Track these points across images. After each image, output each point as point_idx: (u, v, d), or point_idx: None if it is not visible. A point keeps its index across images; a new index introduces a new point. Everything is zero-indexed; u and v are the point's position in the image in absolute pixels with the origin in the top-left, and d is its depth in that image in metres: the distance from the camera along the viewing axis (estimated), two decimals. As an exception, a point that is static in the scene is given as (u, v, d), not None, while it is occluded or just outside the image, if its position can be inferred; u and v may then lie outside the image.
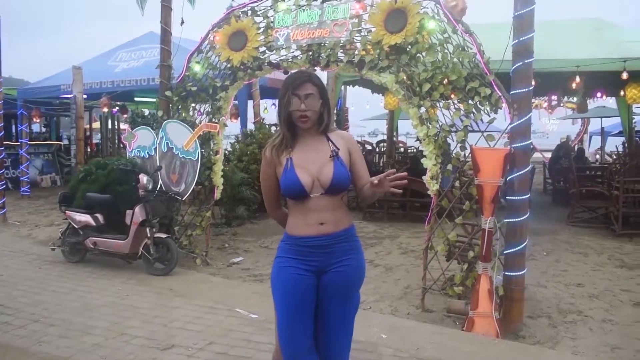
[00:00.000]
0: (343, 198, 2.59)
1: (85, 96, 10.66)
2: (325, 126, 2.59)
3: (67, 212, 6.61)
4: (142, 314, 4.75)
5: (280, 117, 2.56)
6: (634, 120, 14.62)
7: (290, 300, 2.52)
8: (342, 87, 13.29)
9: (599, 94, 13.29)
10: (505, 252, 4.56)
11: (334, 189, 2.51)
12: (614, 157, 15.59)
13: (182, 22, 6.92)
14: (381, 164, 15.15)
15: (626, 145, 14.22)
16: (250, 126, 11.57)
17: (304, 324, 2.51)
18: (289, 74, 2.72)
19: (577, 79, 9.04)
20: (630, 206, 8.33)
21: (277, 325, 2.58)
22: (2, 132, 9.57)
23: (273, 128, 11.50)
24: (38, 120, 16.45)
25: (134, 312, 4.82)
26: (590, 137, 24.92)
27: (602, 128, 21.57)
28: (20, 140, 13.06)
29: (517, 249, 4.50)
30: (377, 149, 16.78)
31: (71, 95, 10.33)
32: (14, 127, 16.91)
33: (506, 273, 4.58)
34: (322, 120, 2.58)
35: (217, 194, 6.67)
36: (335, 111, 11.62)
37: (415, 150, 16.66)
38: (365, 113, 25.45)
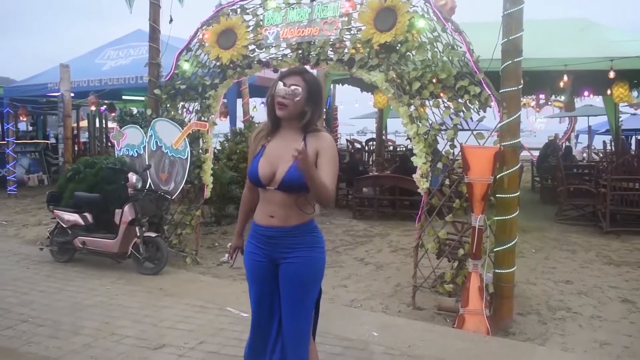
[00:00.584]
0: (298, 199, 2.61)
1: (72, 94, 10.55)
2: (306, 123, 2.63)
3: (55, 211, 6.55)
4: (132, 314, 4.72)
5: (267, 103, 2.68)
6: (620, 119, 14.77)
7: (251, 279, 2.79)
8: (332, 86, 13.30)
9: (586, 93, 13.40)
10: (495, 249, 4.59)
11: (285, 187, 2.58)
12: (601, 155, 15.75)
13: (171, 20, 6.88)
14: (370, 163, 15.20)
15: (613, 143, 14.37)
16: (240, 125, 11.54)
17: (265, 305, 2.76)
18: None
19: (565, 77, 9.11)
20: (617, 204, 8.40)
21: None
22: (-11, 131, 9.49)
23: (262, 126, 11.48)
24: (25, 119, 16.27)
25: (123, 311, 4.79)
26: (578, 135, 25.14)
27: (589, 126, 21.79)
28: (6, 139, 12.93)
29: (507, 246, 4.53)
30: (366, 148, 16.81)
31: (59, 94, 10.23)
32: (0, 125, 16.74)
33: (496, 270, 4.60)
34: (303, 115, 2.62)
35: (207, 193, 6.64)
36: (325, 109, 11.62)
37: (404, 148, 16.72)
38: (354, 111, 25.52)
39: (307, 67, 5.73)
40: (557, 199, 10.02)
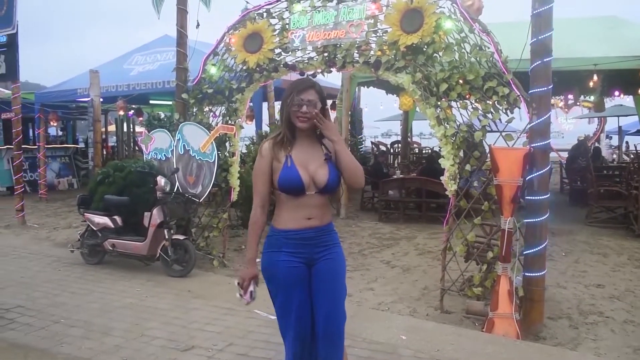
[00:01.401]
0: (331, 197, 2.81)
1: (101, 99, 10.75)
2: (321, 132, 2.74)
3: (85, 214, 6.67)
4: (162, 315, 4.77)
5: (282, 116, 2.78)
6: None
7: (286, 285, 2.72)
8: (357, 88, 13.29)
9: (616, 93, 13.16)
10: (525, 252, 4.52)
11: (327, 190, 2.71)
12: (632, 156, 15.42)
13: (198, 25, 6.97)
14: (396, 165, 15.13)
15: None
16: (265, 128, 11.60)
17: (306, 310, 2.72)
18: (295, 80, 2.88)
19: (595, 77, 8.96)
20: (650, 206, 8.21)
21: (277, 315, 2.80)
22: (21, 136, 9.70)
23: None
24: (55, 124, 16.61)
25: (153, 313, 4.85)
26: (609, 136, 24.66)
27: (620, 127, 21.35)
28: (37, 144, 13.21)
29: (537, 249, 4.46)
30: (392, 150, 16.75)
31: (88, 99, 10.43)
32: (31, 130, 17.11)
33: (526, 274, 4.54)
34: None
35: (234, 196, 6.69)
36: (349, 112, 11.60)
37: (429, 150, 16.61)
38: (379, 114, 25.43)
39: (333, 69, 5.75)
40: (587, 201, 9.83)
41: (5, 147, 14.00)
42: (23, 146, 10.20)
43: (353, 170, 2.69)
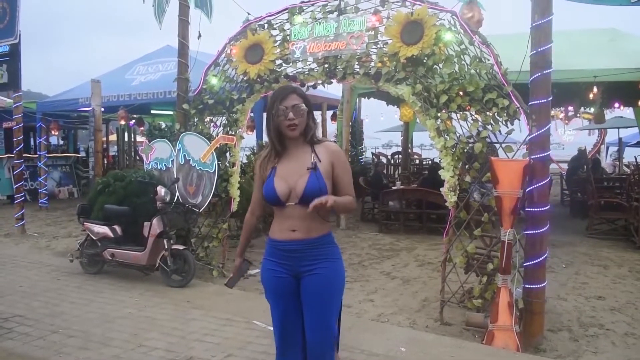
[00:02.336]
0: (320, 211, 2.64)
1: (102, 109, 10.77)
2: (311, 135, 2.76)
3: (85, 223, 6.66)
4: (160, 326, 4.76)
5: (269, 128, 2.76)
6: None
7: (274, 298, 2.79)
8: (357, 99, 13.32)
9: (616, 105, 13.17)
10: (525, 264, 4.51)
11: (306, 200, 2.61)
12: (632, 167, 15.42)
13: (199, 36, 7.00)
14: (396, 176, 15.14)
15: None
16: (266, 138, 11.59)
17: (291, 320, 2.76)
18: (275, 90, 2.95)
19: (595, 89, 8.98)
20: (650, 218, 8.20)
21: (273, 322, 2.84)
22: (22, 145, 9.72)
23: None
24: (56, 133, 16.65)
25: (152, 323, 4.83)
26: (607, 147, 24.66)
27: (620, 138, 21.35)
28: (38, 153, 13.24)
29: (537, 261, 4.45)
30: (392, 161, 16.76)
31: (89, 109, 10.46)
32: (32, 139, 17.15)
33: (526, 285, 4.52)
34: (308, 129, 2.74)
35: (234, 206, 6.69)
36: (350, 123, 11.62)
37: (430, 161, 16.61)
38: (379, 125, 25.42)
39: (334, 80, 5.78)
40: (587, 213, 9.82)
41: (6, 155, 14.03)
42: (24, 155, 10.23)
43: (345, 211, 2.81)
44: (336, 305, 2.80)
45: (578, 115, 14.97)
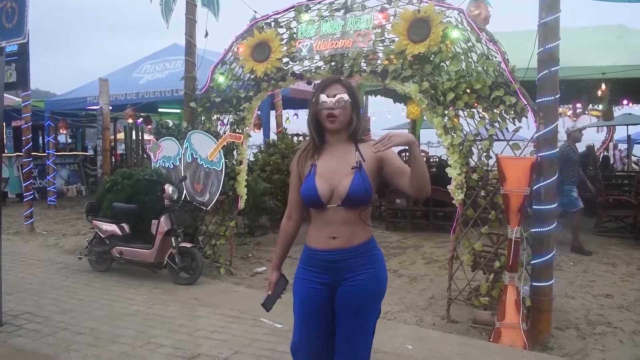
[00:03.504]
0: (361, 213, 2.46)
1: (110, 107, 10.82)
2: (354, 130, 2.50)
3: (93, 221, 6.71)
4: (168, 323, 4.78)
5: (310, 121, 2.53)
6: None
7: (304, 311, 2.54)
8: (364, 97, 13.30)
9: (625, 102, 13.09)
10: (532, 262, 4.50)
11: (350, 202, 2.41)
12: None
13: (207, 34, 7.02)
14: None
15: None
16: (273, 136, 11.63)
17: (316, 336, 2.51)
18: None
19: (603, 86, 8.92)
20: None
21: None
22: (30, 144, 9.79)
23: (295, 138, 11.56)
24: (64, 132, 16.77)
25: (159, 321, 4.86)
26: (616, 145, 24.52)
27: (629, 135, 21.24)
28: (47, 151, 13.32)
29: (544, 259, 4.44)
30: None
31: (97, 107, 10.51)
32: (41, 138, 17.26)
33: (533, 283, 4.52)
34: (351, 124, 2.50)
35: (241, 204, 6.71)
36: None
37: (437, 159, 16.57)
38: (386, 122, 25.38)
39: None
40: (595, 211, 9.78)
41: (15, 154, 14.12)
42: (33, 153, 10.29)
43: (422, 178, 2.33)
44: (374, 316, 2.54)
45: (586, 112, 14.87)
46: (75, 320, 4.85)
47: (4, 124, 13.14)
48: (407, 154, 2.37)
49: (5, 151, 14.41)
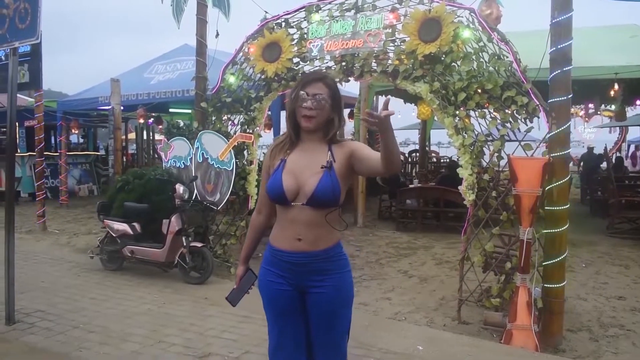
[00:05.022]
0: (328, 216, 2.35)
1: (122, 107, 10.88)
2: (332, 135, 2.41)
3: (105, 221, 6.74)
4: (179, 322, 4.80)
5: (287, 113, 2.44)
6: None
7: (274, 314, 2.48)
8: (374, 97, 13.27)
9: (638, 102, 12.98)
10: (544, 263, 4.47)
11: (315, 202, 2.31)
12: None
13: (217, 35, 7.05)
14: (414, 174, 15.09)
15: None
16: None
17: (292, 338, 2.45)
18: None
19: (616, 86, 8.85)
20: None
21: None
22: (43, 143, 9.86)
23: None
24: (76, 132, 16.88)
25: (170, 320, 4.88)
26: (629, 145, 24.33)
27: (642, 136, 21.04)
28: (59, 151, 13.42)
29: (556, 260, 4.41)
30: (410, 159, 16.70)
31: (109, 107, 10.57)
32: (53, 138, 17.39)
33: (545, 285, 4.48)
34: (330, 127, 2.40)
35: (252, 204, 6.72)
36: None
37: (448, 159, 16.52)
38: (397, 123, 25.34)
39: (351, 79, 5.77)
40: (608, 212, 9.70)
41: (27, 154, 14.24)
42: (45, 153, 10.37)
43: (392, 152, 2.14)
44: (346, 322, 2.48)
45: (599, 112, 14.78)
46: (87, 318, 4.88)
47: (17, 123, 13.25)
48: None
49: (18, 151, 14.53)
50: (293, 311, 2.43)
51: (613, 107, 13.34)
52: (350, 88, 13.17)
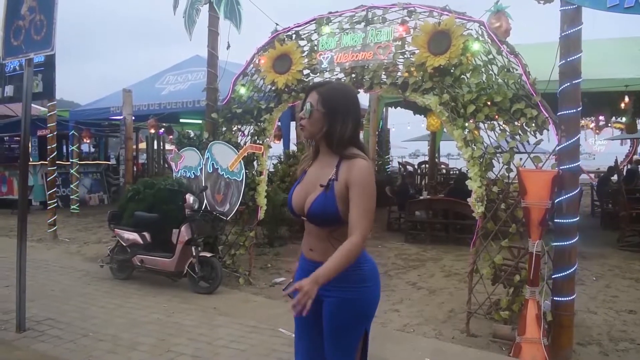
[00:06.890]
0: (333, 233, 2.32)
1: (133, 118, 10.98)
2: (338, 146, 2.34)
3: (115, 230, 6.80)
4: (187, 332, 4.82)
5: None
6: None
7: (295, 317, 2.44)
8: (384, 109, 13.32)
9: (649, 114, 12.90)
10: (553, 276, 4.45)
11: (312, 219, 2.34)
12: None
13: (229, 46, 7.10)
14: (423, 185, 15.06)
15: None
16: (293, 147, 11.68)
17: (306, 343, 2.50)
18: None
19: (626, 98, 8.82)
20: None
21: None
22: (55, 152, 9.96)
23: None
24: (88, 141, 17.01)
25: (179, 329, 4.90)
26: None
27: (653, 149, 20.89)
28: (70, 160, 13.54)
29: (566, 273, 4.38)
30: (419, 171, 16.68)
31: (121, 117, 10.66)
32: (65, 147, 17.53)
33: (555, 298, 4.46)
34: (330, 136, 2.34)
35: (261, 215, 6.75)
36: (377, 132, 11.62)
37: (457, 171, 16.50)
38: (406, 134, 25.38)
39: (361, 90, 5.80)
40: (618, 225, 9.62)
41: (39, 162, 14.37)
42: (57, 162, 10.46)
43: (341, 268, 2.17)
44: (354, 338, 2.39)
45: (609, 125, 14.71)
46: (97, 327, 4.91)
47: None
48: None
49: (30, 159, 14.67)
50: (309, 317, 2.29)
51: (624, 119, 13.26)
52: (360, 99, 13.18)
